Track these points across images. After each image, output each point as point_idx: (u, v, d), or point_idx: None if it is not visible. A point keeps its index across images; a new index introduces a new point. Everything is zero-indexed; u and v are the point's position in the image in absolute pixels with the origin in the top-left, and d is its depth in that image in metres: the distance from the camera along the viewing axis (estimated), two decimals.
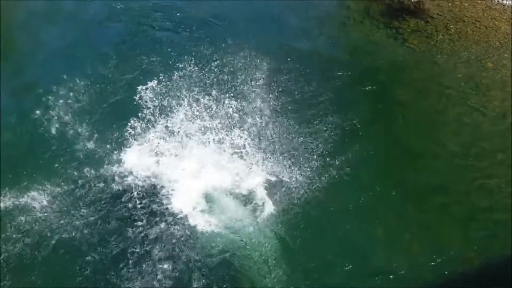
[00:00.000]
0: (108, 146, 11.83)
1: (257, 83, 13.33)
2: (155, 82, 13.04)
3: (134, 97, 12.68)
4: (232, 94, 12.87)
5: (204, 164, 11.34)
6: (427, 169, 11.67)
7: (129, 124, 12.13)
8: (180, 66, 13.76)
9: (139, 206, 10.65)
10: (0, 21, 16.02)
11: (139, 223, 10.38)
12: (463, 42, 14.80)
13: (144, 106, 12.48)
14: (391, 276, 9.75)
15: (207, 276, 9.66)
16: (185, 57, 14.19)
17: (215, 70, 13.72)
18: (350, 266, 9.87)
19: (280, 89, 13.23)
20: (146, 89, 12.80)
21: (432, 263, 9.92)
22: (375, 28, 15.72)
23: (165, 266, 9.78)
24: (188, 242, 10.13)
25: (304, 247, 10.11)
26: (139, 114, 12.31)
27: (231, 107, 12.49)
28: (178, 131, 11.99)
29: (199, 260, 9.88)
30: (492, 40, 14.72)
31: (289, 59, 14.33)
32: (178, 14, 16.25)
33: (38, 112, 12.68)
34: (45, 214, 10.58)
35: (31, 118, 12.63)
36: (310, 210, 10.63)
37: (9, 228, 10.36)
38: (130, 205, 10.69)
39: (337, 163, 11.51)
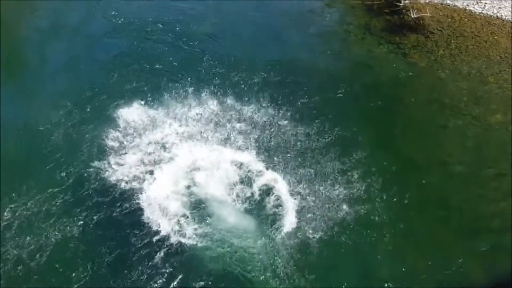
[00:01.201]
0: (107, 156, 11.84)
1: (259, 96, 13.40)
2: (156, 94, 13.36)
3: (135, 109, 12.93)
4: (234, 107, 13.02)
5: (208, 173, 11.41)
6: (430, 181, 11.58)
7: (128, 135, 12.28)
8: (180, 79, 13.98)
9: (134, 215, 10.67)
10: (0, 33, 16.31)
11: (134, 232, 10.39)
12: (463, 56, 14.87)
13: (145, 119, 12.66)
14: None
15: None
16: (187, 70, 14.40)
17: (217, 84, 13.84)
18: (355, 278, 9.79)
19: (282, 103, 13.27)
20: (147, 101, 13.14)
21: (436, 276, 9.81)
22: (376, 43, 15.84)
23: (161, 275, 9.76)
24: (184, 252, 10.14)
25: (309, 258, 10.02)
26: (139, 126, 12.47)
27: (233, 118, 12.66)
28: (179, 141, 12.11)
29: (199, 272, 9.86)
30: (493, 55, 14.78)
31: (291, 74, 14.43)
32: (178, 28, 16.40)
33: (39, 123, 12.77)
34: (43, 221, 10.62)
35: (32, 129, 12.71)
36: (312, 224, 10.54)
37: (9, 236, 10.37)
38: (124, 215, 10.71)
39: (339, 177, 11.47)
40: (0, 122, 12.91)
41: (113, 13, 17.06)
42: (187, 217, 10.59)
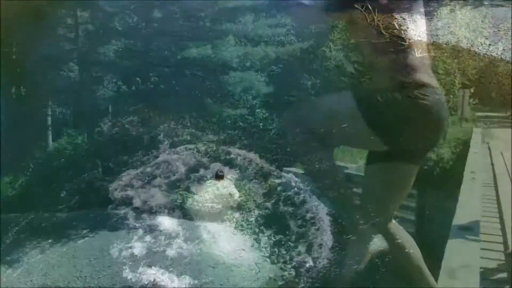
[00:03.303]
0: (107, 173, 12.12)
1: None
2: (158, 112, 13.61)
3: (135, 127, 13.17)
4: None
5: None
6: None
7: (129, 153, 12.19)
8: (182, 100, 14.31)
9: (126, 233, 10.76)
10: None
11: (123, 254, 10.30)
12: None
13: (145, 135, 13.03)
14: None
15: None
16: (189, 93, 14.79)
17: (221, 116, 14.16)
18: None
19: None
20: (148, 119, 13.49)
21: None
22: None
23: None
24: None
25: None
26: (140, 144, 12.67)
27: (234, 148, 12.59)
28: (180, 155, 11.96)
29: None
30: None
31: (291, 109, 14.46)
32: (178, 57, 16.57)
33: (43, 148, 13.15)
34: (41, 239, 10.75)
35: (35, 146, 13.11)
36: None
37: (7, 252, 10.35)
38: (116, 232, 10.84)
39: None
40: (1, 140, 13.08)
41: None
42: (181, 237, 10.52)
